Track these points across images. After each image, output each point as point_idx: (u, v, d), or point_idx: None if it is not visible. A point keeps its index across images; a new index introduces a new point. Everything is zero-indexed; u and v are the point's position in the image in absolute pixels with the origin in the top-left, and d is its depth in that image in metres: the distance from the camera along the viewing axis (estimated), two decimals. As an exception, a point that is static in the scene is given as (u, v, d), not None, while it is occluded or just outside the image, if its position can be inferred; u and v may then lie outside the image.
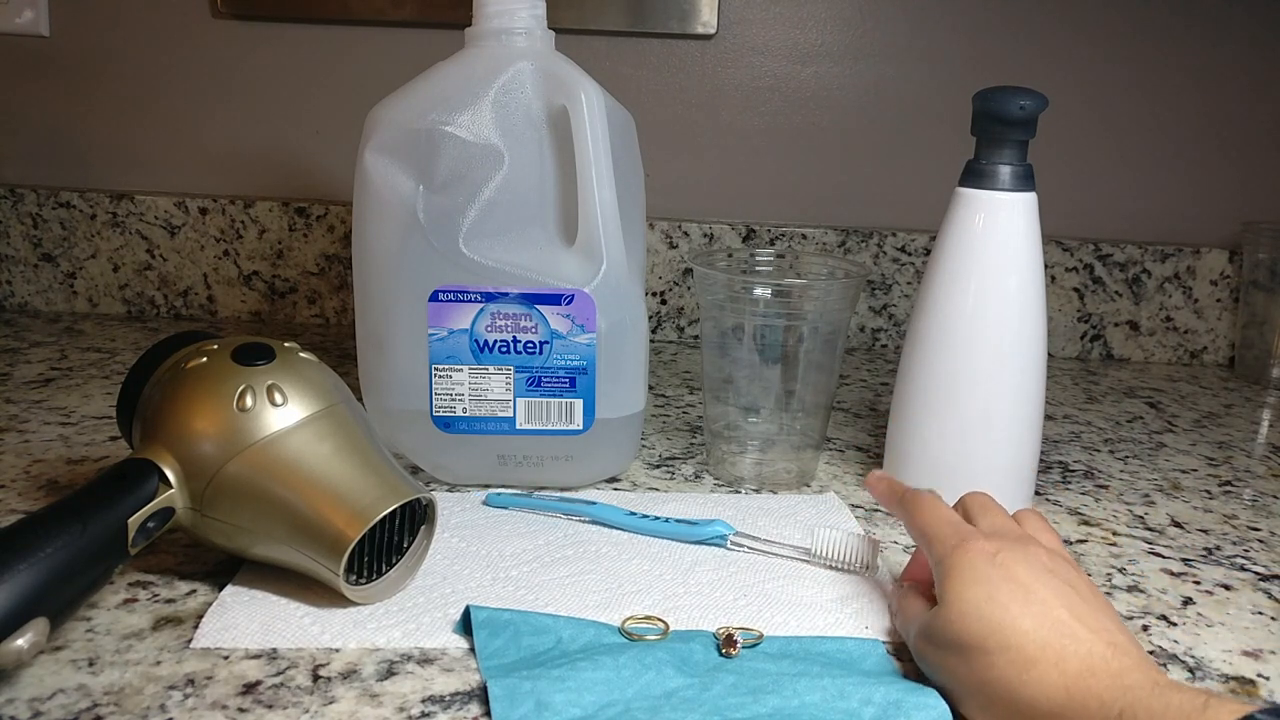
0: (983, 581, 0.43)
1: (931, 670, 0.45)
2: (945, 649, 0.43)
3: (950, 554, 0.45)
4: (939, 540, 0.47)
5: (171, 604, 0.51)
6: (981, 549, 0.44)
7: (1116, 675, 0.38)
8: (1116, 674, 0.38)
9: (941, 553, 0.46)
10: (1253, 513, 0.70)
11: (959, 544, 0.45)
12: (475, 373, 0.64)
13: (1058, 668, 0.39)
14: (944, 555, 0.45)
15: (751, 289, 0.65)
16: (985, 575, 0.43)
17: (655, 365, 0.99)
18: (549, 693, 0.43)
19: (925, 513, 0.49)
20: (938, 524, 0.48)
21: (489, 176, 0.62)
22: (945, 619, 0.43)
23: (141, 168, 1.08)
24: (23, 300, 1.08)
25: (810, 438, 0.69)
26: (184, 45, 1.05)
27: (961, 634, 0.42)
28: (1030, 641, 0.40)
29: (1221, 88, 1.06)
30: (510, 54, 0.62)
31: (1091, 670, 0.38)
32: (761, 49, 1.05)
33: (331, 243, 1.07)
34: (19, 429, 0.74)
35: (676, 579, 0.55)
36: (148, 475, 0.49)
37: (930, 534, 0.48)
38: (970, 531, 0.47)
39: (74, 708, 0.42)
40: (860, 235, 1.07)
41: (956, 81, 1.05)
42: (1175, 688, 0.36)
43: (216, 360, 0.52)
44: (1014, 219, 0.61)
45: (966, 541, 0.45)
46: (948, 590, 0.44)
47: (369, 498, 0.50)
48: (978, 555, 0.44)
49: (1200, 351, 1.10)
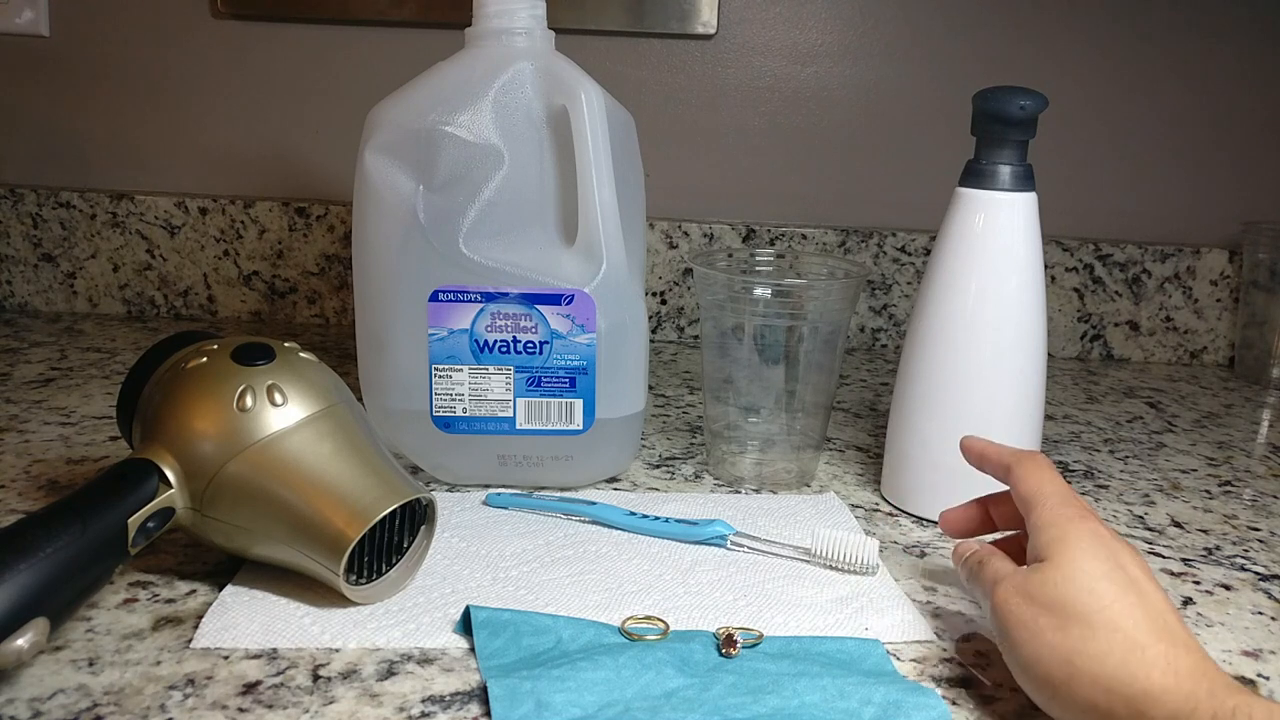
0: (1102, 559, 0.43)
1: (1011, 625, 0.44)
2: (1044, 608, 0.43)
3: (1069, 523, 0.45)
4: (1055, 507, 0.47)
5: (171, 604, 0.51)
6: (1100, 530, 0.45)
7: (1220, 687, 0.39)
8: (1221, 686, 0.39)
9: (1055, 519, 0.46)
10: (1253, 513, 0.70)
11: (1080, 516, 0.46)
12: (475, 373, 0.64)
13: (1167, 658, 0.40)
14: (1061, 522, 0.46)
15: (751, 289, 0.65)
16: (1104, 555, 0.43)
17: (655, 365, 0.99)
18: (549, 693, 0.43)
19: (1042, 473, 0.49)
20: (1056, 489, 0.48)
21: (489, 176, 0.62)
22: (1055, 579, 0.43)
23: (141, 168, 1.08)
24: (23, 300, 1.08)
25: (810, 438, 0.69)
26: (184, 45, 1.05)
27: (1069, 599, 0.42)
28: (1141, 631, 0.41)
29: (1221, 88, 1.06)
30: (510, 54, 0.62)
31: (1205, 673, 0.39)
32: (761, 49, 1.05)
33: (331, 243, 1.07)
34: (19, 429, 0.74)
35: (676, 579, 0.55)
36: (148, 475, 0.49)
37: (1044, 498, 0.48)
38: (1089, 509, 0.47)
39: (74, 708, 0.42)
40: (860, 235, 1.07)
41: (956, 81, 1.05)
42: None
43: (216, 360, 0.52)
44: (1014, 219, 0.61)
45: (1087, 517, 0.46)
46: (1061, 555, 0.44)
47: (369, 498, 0.50)
48: (1097, 534, 0.45)
49: (1200, 351, 1.10)
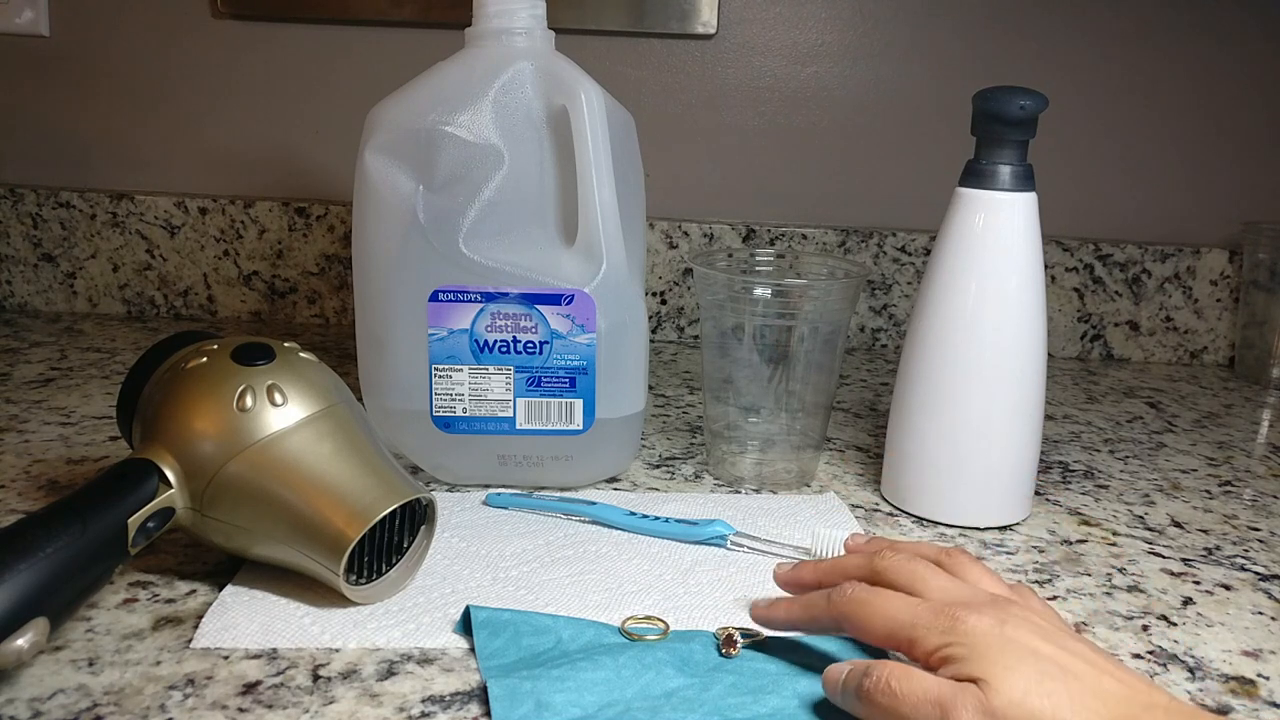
0: (1030, 665, 0.39)
1: None
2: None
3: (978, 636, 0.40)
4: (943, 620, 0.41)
5: (171, 604, 0.51)
6: (1010, 631, 0.40)
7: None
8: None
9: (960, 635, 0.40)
10: (1253, 513, 0.70)
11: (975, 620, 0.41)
12: (475, 373, 0.64)
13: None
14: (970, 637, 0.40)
15: (751, 289, 0.65)
16: (1030, 658, 0.39)
17: (655, 365, 0.99)
18: (549, 693, 0.43)
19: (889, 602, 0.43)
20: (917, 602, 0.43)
21: (489, 176, 0.62)
22: (1011, 702, 0.38)
23: (141, 168, 1.08)
24: (23, 300, 1.08)
25: (810, 438, 0.69)
26: (184, 45, 1.05)
27: (1037, 713, 0.37)
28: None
29: (1221, 88, 1.06)
30: (510, 54, 0.62)
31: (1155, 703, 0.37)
32: (761, 49, 1.05)
33: (331, 243, 1.07)
34: (19, 429, 0.74)
35: (676, 579, 0.55)
36: (148, 475, 0.49)
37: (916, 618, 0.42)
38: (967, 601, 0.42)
39: (74, 708, 0.42)
40: (860, 235, 1.07)
41: (956, 81, 1.05)
42: None
43: (216, 360, 0.52)
44: (1014, 219, 0.61)
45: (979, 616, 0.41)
46: (994, 671, 0.39)
47: (369, 498, 0.50)
48: (1005, 638, 0.40)
49: (1200, 351, 1.10)
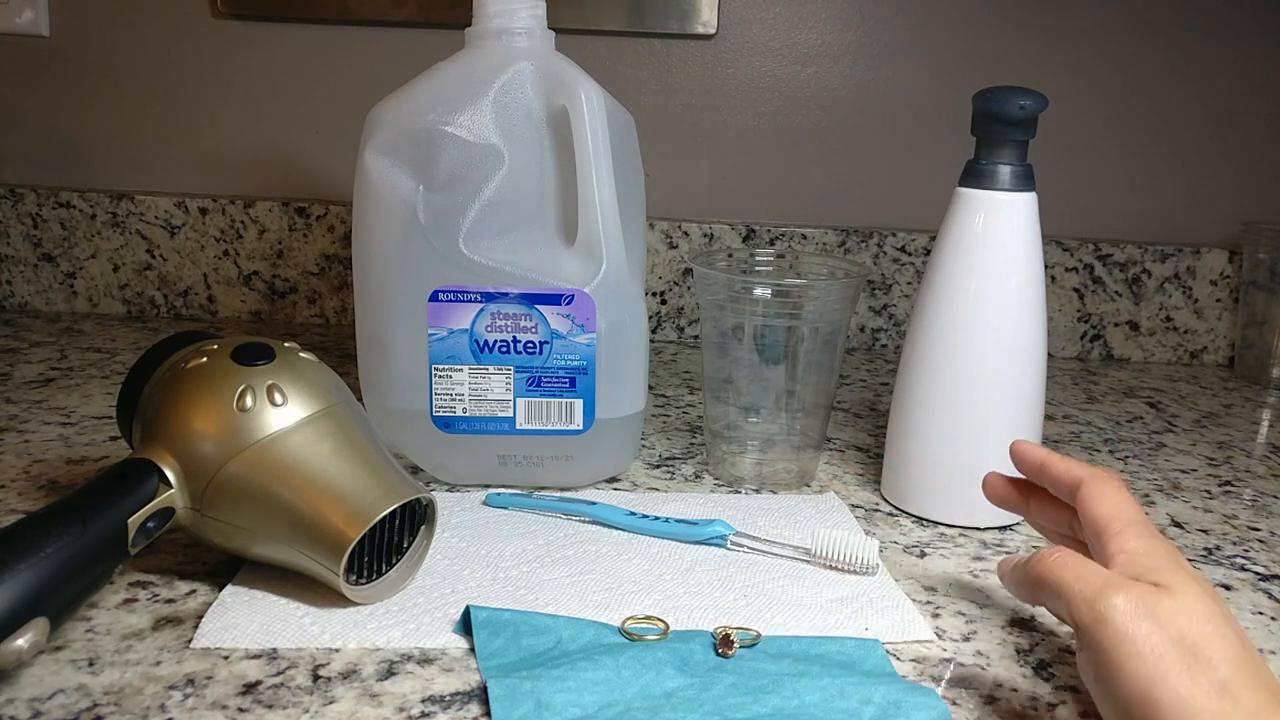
0: (1218, 601, 0.41)
1: (1125, 650, 0.40)
2: (1174, 641, 0.39)
3: (1173, 554, 0.44)
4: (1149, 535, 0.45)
5: (171, 604, 0.51)
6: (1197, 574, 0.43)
7: None
8: None
9: (1153, 548, 0.44)
10: (1253, 513, 0.70)
11: (1176, 551, 0.44)
12: (475, 373, 0.64)
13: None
14: (1163, 551, 0.44)
15: (751, 289, 0.65)
16: (1217, 596, 0.42)
17: (655, 365, 0.99)
18: (549, 693, 0.43)
19: (1121, 496, 0.47)
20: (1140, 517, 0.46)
21: (489, 176, 0.62)
22: (1184, 610, 0.40)
23: (141, 168, 1.08)
24: (23, 300, 1.08)
25: (810, 438, 0.69)
26: (184, 45, 1.05)
27: (1201, 640, 0.39)
28: (1262, 700, 0.38)
29: (1221, 88, 1.06)
30: (510, 54, 0.62)
31: None
32: (761, 49, 1.05)
33: (331, 243, 1.07)
34: (19, 429, 0.74)
35: (676, 579, 0.55)
36: (148, 475, 0.49)
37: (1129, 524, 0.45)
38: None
39: (74, 708, 0.42)
40: (860, 235, 1.07)
41: (956, 81, 1.05)
42: None
43: (216, 360, 0.52)
44: (1014, 219, 0.61)
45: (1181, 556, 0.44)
46: (1183, 586, 0.41)
47: (369, 498, 0.50)
48: (1199, 576, 0.43)
49: (1200, 351, 1.10)
